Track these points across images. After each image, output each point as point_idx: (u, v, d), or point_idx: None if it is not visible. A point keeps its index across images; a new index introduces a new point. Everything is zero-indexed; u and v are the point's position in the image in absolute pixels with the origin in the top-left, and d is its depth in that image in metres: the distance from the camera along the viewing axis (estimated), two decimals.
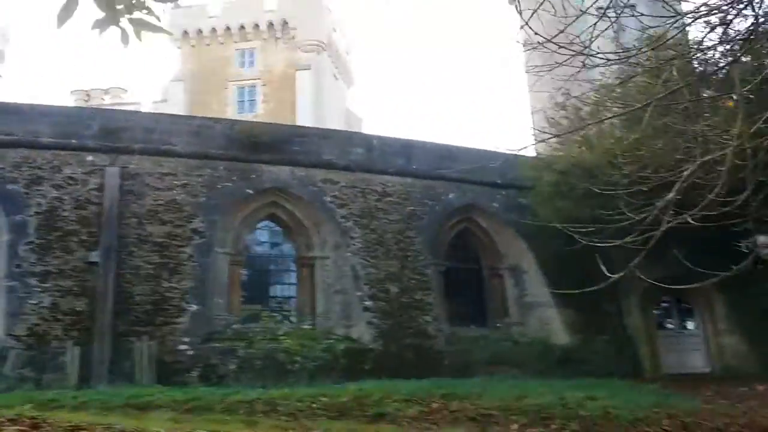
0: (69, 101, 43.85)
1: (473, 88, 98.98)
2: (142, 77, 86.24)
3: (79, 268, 12.82)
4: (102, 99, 45.17)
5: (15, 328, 11.89)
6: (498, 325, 15.85)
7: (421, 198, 16.36)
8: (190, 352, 12.52)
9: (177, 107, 39.28)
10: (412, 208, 16.12)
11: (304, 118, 39.23)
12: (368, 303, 14.28)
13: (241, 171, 15.10)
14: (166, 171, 14.52)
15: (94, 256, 12.86)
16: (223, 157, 15.09)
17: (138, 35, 2.88)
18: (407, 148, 17.08)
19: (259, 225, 15.65)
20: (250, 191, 15.03)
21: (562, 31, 5.84)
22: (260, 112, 41.30)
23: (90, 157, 14.22)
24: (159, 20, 3.23)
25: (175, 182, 14.46)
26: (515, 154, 14.18)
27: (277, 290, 15.95)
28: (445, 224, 16.49)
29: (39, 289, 12.37)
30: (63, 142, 14.20)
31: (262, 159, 15.36)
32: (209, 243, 14.07)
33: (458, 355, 13.75)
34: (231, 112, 40.95)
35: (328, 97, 43.91)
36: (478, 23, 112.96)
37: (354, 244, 15.06)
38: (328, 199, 15.53)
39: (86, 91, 45.70)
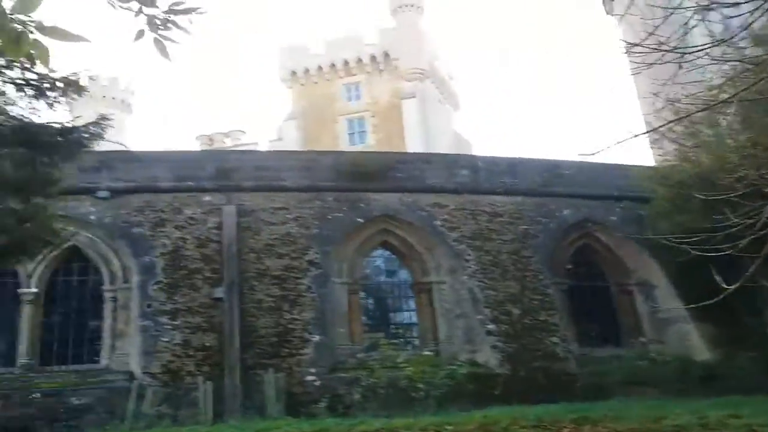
0: (194, 145, 46.55)
1: (576, 98, 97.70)
2: (259, 118, 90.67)
3: (206, 304, 13.14)
4: (223, 142, 47.66)
5: (150, 366, 12.25)
6: (632, 343, 14.96)
7: (534, 216, 15.89)
8: (317, 383, 12.48)
9: (291, 144, 41.13)
10: (525, 227, 15.67)
11: (413, 144, 40.16)
12: (491, 326, 13.85)
13: (350, 201, 15.20)
14: (278, 205, 14.80)
15: (219, 292, 13.15)
16: (331, 188, 15.26)
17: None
18: (513, 166, 16.73)
19: (373, 253, 15.60)
20: (360, 220, 15.06)
21: (650, 33, 5.47)
22: (371, 143, 42.77)
23: (207, 197, 14.71)
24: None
25: (288, 216, 14.70)
26: (629, 166, 13.63)
27: (396, 317, 15.78)
28: (562, 241, 15.89)
29: (170, 327, 12.74)
30: (182, 185, 14.79)
31: (369, 187, 15.42)
32: (325, 273, 14.14)
33: (591, 377, 13.01)
34: (342, 145, 42.45)
35: (435, 123, 44.80)
36: (572, 32, 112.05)
37: (469, 267, 14.74)
38: (438, 222, 15.35)
39: (209, 135, 48.12)
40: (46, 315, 14.07)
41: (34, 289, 13.81)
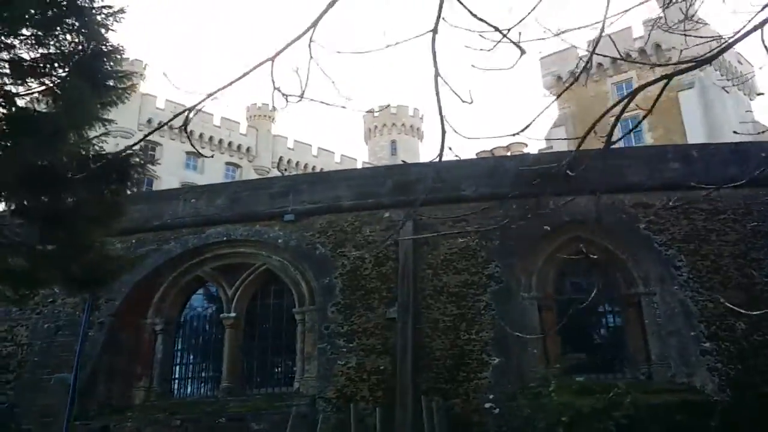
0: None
1: None
2: (535, 128, 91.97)
3: (381, 325, 13.15)
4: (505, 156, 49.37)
5: (326, 390, 12.53)
6: None
7: (766, 210, 13.41)
8: (496, 411, 11.70)
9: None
10: (755, 223, 13.27)
11: (696, 139, 37.90)
12: (706, 345, 11.87)
13: (536, 207, 14.16)
14: (457, 217, 14.33)
15: (393, 312, 13.05)
16: (515, 194, 14.34)
17: None
18: (739, 153, 14.30)
19: (565, 264, 14.35)
20: (548, 228, 13.95)
21: None
22: (649, 141, 41.26)
23: (386, 214, 14.78)
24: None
25: (468, 228, 14.15)
26: None
27: (599, 335, 14.36)
28: None
29: (345, 349, 12.94)
30: (362, 203, 15.05)
31: (557, 191, 14.22)
32: (508, 288, 13.33)
33: None
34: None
35: (721, 113, 41.97)
36: None
37: (681, 275, 12.85)
38: (643, 225, 13.66)
39: (490, 150, 49.67)
40: (246, 339, 15.19)
41: (233, 314, 14.97)
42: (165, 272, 15.60)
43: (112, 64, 9.70)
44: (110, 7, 9.43)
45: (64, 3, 9.09)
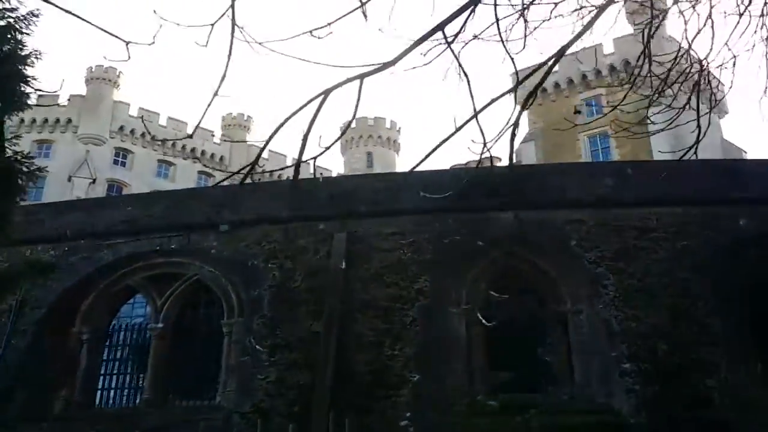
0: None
1: None
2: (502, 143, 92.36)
3: (306, 339, 12.95)
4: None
5: (243, 404, 12.34)
6: None
7: (698, 230, 13.45)
8: (410, 429, 11.55)
9: None
10: (685, 242, 13.30)
11: (663, 158, 37.68)
12: (626, 365, 11.83)
13: (472, 222, 14.14)
14: (392, 230, 14.25)
15: (318, 326, 12.90)
16: (451, 208, 14.30)
17: None
18: (676, 170, 14.36)
19: (495, 279, 14.26)
20: (480, 243, 13.90)
21: None
22: (616, 158, 41.13)
23: (321, 226, 14.65)
24: None
25: (402, 241, 14.07)
26: None
27: (527, 354, 14.23)
28: (736, 260, 13.19)
29: (267, 363, 12.75)
30: (298, 214, 14.91)
31: (493, 206, 14.22)
32: (438, 303, 13.22)
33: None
34: None
35: (688, 132, 41.46)
36: None
37: (608, 293, 12.82)
38: (574, 242, 13.64)
39: (464, 164, 49.58)
40: (174, 350, 14.92)
41: (160, 324, 14.73)
42: (95, 281, 15.32)
43: (22, 67, 9.58)
44: (13, 9, 9.30)
45: None
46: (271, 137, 4.82)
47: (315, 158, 5.00)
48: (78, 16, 4.40)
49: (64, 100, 56.32)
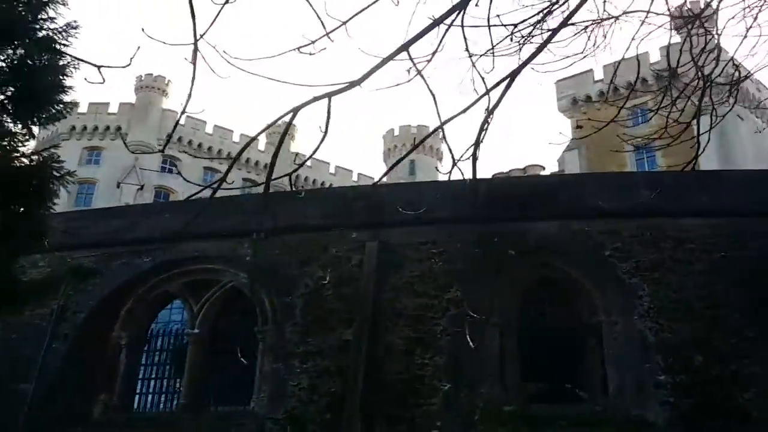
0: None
1: None
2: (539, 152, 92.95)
3: (336, 347, 13.07)
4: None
5: (276, 411, 12.49)
6: None
7: (735, 242, 13.22)
8: None
9: None
10: (722, 254, 13.08)
11: (709, 165, 37.50)
12: (661, 377, 11.67)
13: (504, 232, 14.10)
14: (423, 240, 14.31)
15: (348, 334, 13.02)
16: (482, 218, 14.28)
17: None
18: (711, 181, 14.19)
19: (528, 290, 14.22)
20: (513, 252, 13.85)
21: None
22: (662, 167, 40.53)
23: (354, 234, 14.78)
24: None
25: (432, 251, 14.12)
26: None
27: (560, 364, 14.12)
28: None
29: (299, 370, 12.89)
30: (330, 222, 15.07)
31: (525, 216, 14.18)
32: (468, 313, 13.19)
33: None
34: None
35: (742, 138, 41.83)
36: None
37: (642, 305, 12.67)
38: (608, 252, 13.51)
39: (506, 172, 49.53)
40: (210, 355, 15.19)
41: (197, 330, 15.02)
42: (134, 286, 15.71)
43: (60, 77, 9.90)
44: (52, 19, 9.60)
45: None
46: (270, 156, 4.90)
47: (290, 174, 5.21)
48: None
49: (114, 108, 57.47)
